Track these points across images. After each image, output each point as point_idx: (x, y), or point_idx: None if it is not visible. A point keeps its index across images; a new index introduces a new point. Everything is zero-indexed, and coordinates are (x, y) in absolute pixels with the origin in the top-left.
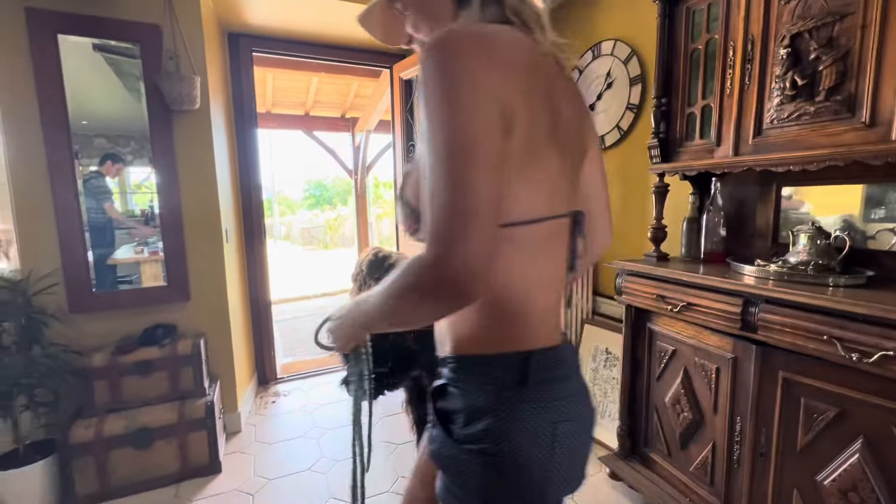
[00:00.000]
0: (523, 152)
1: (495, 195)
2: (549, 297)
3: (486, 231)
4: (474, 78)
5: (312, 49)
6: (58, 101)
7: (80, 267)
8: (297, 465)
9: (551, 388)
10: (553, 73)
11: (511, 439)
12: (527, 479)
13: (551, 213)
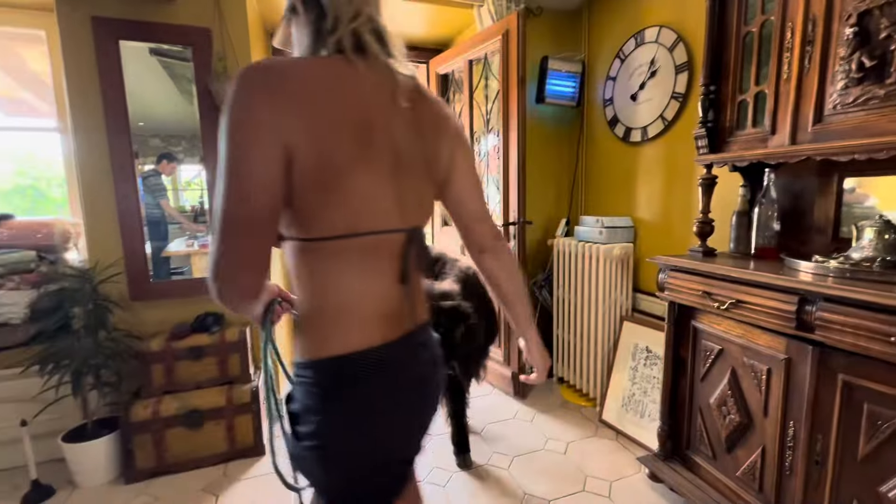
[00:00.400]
0: (319, 177)
1: (259, 222)
2: (371, 305)
3: (254, 265)
4: (252, 115)
5: None
6: (120, 104)
7: (138, 258)
8: None
9: (369, 387)
10: (376, 100)
11: (335, 434)
12: (355, 467)
13: (365, 230)
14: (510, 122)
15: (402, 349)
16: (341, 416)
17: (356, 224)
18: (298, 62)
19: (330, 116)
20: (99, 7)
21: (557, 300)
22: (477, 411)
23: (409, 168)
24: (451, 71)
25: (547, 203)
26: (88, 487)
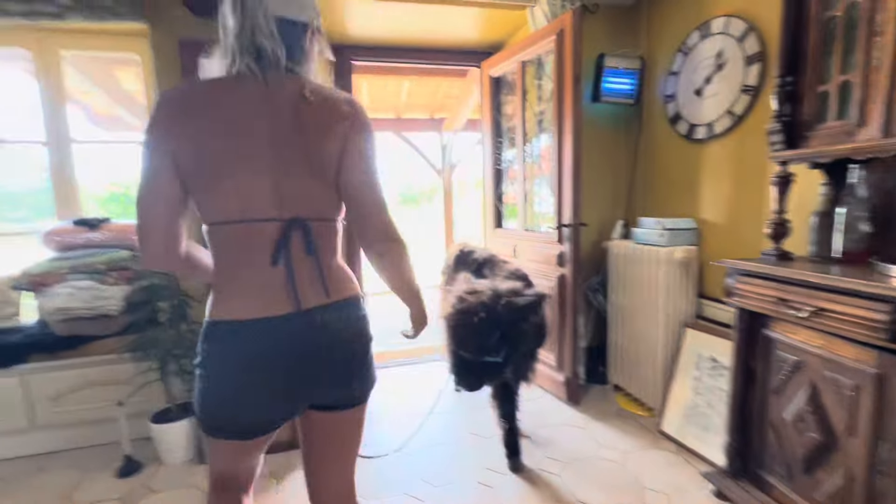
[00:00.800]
0: (199, 174)
1: (163, 216)
2: (248, 283)
3: (153, 237)
4: (150, 133)
5: (405, 54)
6: None
7: None
8: (388, 445)
9: (226, 347)
10: (259, 109)
11: (202, 373)
12: (207, 403)
13: (238, 218)
14: (564, 122)
15: (277, 325)
16: (206, 365)
17: (230, 213)
18: (197, 85)
19: (211, 127)
20: (186, 30)
21: (613, 304)
22: (527, 415)
23: (289, 166)
24: (504, 73)
25: (602, 204)
26: (170, 464)
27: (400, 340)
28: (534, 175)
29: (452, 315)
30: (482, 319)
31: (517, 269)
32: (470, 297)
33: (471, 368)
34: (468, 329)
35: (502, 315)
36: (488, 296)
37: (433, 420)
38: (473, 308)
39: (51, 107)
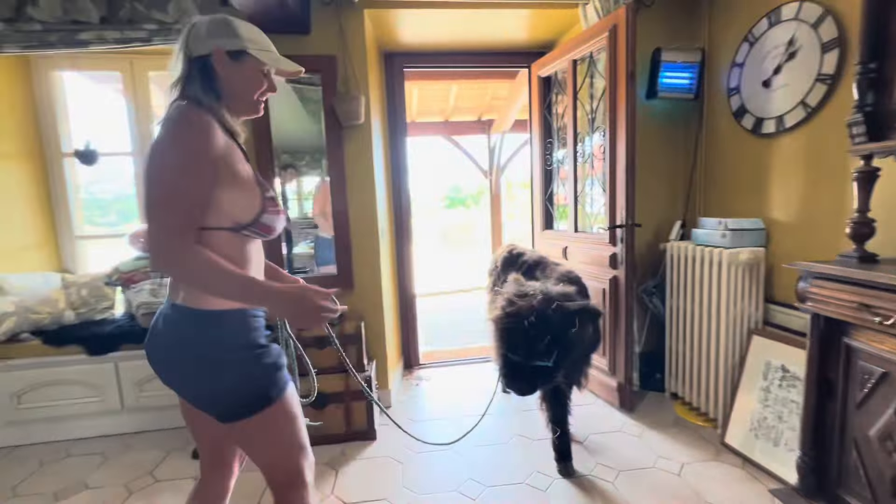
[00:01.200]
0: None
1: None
2: None
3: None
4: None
5: (454, 58)
6: (266, 126)
7: (276, 258)
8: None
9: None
10: None
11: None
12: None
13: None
14: (618, 120)
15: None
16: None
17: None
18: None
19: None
20: None
21: (671, 309)
22: (579, 420)
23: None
24: (554, 73)
25: (658, 204)
26: None
27: (448, 341)
28: (585, 175)
29: (501, 318)
30: (532, 324)
31: (569, 272)
32: (520, 300)
33: (521, 372)
34: (518, 333)
35: (553, 320)
36: (539, 299)
37: (484, 420)
38: (523, 311)
39: (138, 122)
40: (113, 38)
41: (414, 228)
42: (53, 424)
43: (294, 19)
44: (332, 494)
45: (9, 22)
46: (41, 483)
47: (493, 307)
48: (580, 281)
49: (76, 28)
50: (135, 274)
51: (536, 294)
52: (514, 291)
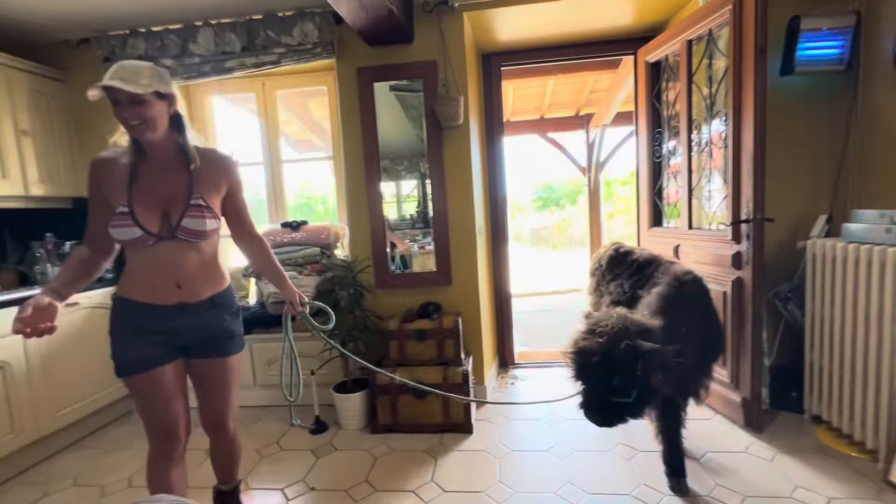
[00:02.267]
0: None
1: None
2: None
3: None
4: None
5: (553, 52)
6: (373, 134)
7: (382, 255)
8: (535, 444)
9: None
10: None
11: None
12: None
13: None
14: (744, 102)
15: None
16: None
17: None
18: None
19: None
20: (362, 60)
21: (813, 317)
22: (694, 435)
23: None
24: (665, 56)
25: (794, 197)
26: (347, 430)
27: (543, 342)
28: (701, 166)
29: (570, 352)
30: (598, 364)
31: (684, 273)
32: (589, 337)
33: (596, 405)
34: (586, 370)
35: (620, 362)
36: (610, 337)
37: (580, 424)
38: (590, 349)
39: (268, 136)
40: (251, 63)
41: (510, 227)
42: None
43: (400, 31)
44: (432, 481)
45: (177, 58)
46: (195, 442)
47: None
48: (692, 284)
49: (224, 58)
50: None
51: (610, 329)
52: (593, 322)
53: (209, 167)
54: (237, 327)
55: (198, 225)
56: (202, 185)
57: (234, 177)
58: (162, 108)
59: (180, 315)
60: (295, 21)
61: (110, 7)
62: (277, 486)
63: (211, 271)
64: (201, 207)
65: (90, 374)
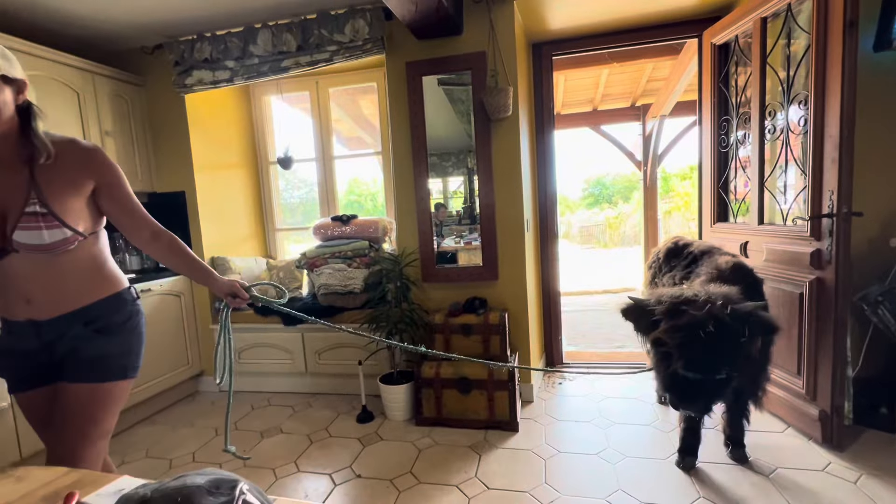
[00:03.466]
0: None
1: None
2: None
3: None
4: None
5: (607, 39)
6: (421, 130)
7: (428, 249)
8: (584, 447)
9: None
10: None
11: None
12: None
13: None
14: (829, 82)
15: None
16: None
17: None
18: None
19: None
20: (410, 54)
21: None
22: (762, 449)
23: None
24: (734, 37)
25: (890, 189)
26: (392, 420)
27: (593, 343)
28: (775, 156)
29: (672, 331)
30: (709, 333)
31: (730, 262)
32: (688, 306)
33: (698, 389)
34: (694, 346)
35: (734, 326)
36: (712, 305)
37: (633, 429)
38: (698, 320)
39: (320, 132)
40: (305, 62)
41: (561, 223)
42: (260, 378)
43: (448, 22)
44: (476, 477)
45: (238, 59)
46: (253, 422)
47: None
48: (743, 267)
49: (280, 57)
50: (317, 259)
51: (702, 298)
52: (672, 297)
53: (63, 163)
54: (115, 347)
55: (32, 238)
56: (51, 186)
57: (102, 169)
58: (7, 96)
59: (33, 333)
60: (347, 18)
61: (181, 14)
62: (326, 470)
63: (81, 281)
64: (37, 216)
65: (161, 357)
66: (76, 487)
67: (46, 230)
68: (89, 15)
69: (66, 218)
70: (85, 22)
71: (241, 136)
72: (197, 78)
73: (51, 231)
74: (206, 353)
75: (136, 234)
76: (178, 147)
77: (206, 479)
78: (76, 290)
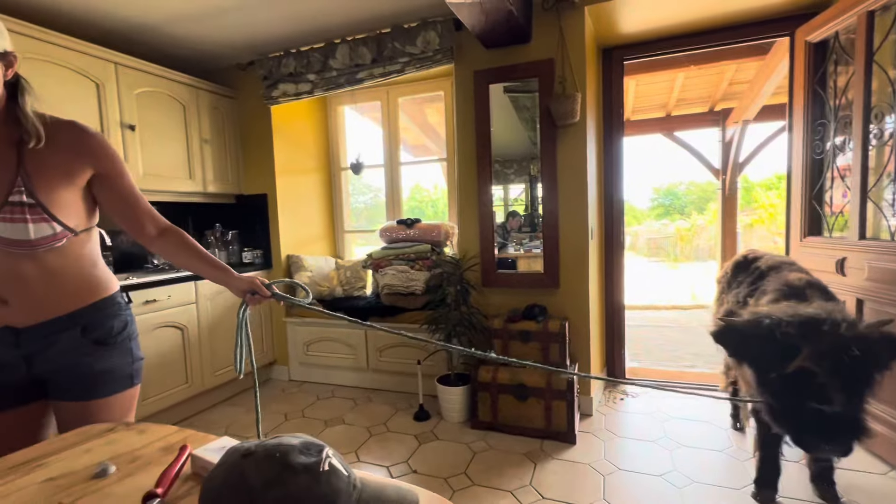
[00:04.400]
0: None
1: None
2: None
3: None
4: None
5: (685, 41)
6: (486, 137)
7: (489, 254)
8: (647, 467)
9: None
10: None
11: None
12: None
13: None
14: None
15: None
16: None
17: None
18: None
19: None
20: (478, 63)
21: None
22: (859, 491)
23: None
24: (833, 34)
25: None
26: (448, 421)
27: (658, 360)
28: (881, 164)
29: (819, 357)
30: (857, 358)
31: (807, 280)
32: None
33: (843, 424)
34: (845, 372)
35: (878, 348)
36: (853, 324)
37: (703, 453)
38: (844, 343)
39: (389, 140)
40: (378, 73)
41: (625, 234)
42: (326, 370)
43: (518, 31)
44: (530, 485)
45: (319, 73)
46: (318, 411)
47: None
48: (828, 292)
49: (356, 69)
50: (381, 260)
51: (843, 317)
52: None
53: (57, 148)
54: (118, 357)
55: (14, 232)
56: (41, 174)
57: (102, 155)
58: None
59: (10, 342)
60: (419, 31)
61: (271, 33)
62: (384, 463)
63: (68, 283)
64: (23, 207)
65: None
66: (186, 442)
67: (32, 224)
68: (196, 38)
69: (56, 211)
70: (192, 44)
71: (316, 144)
72: (282, 90)
73: (37, 225)
74: (279, 343)
75: (140, 229)
76: (262, 153)
77: (299, 440)
78: (62, 294)
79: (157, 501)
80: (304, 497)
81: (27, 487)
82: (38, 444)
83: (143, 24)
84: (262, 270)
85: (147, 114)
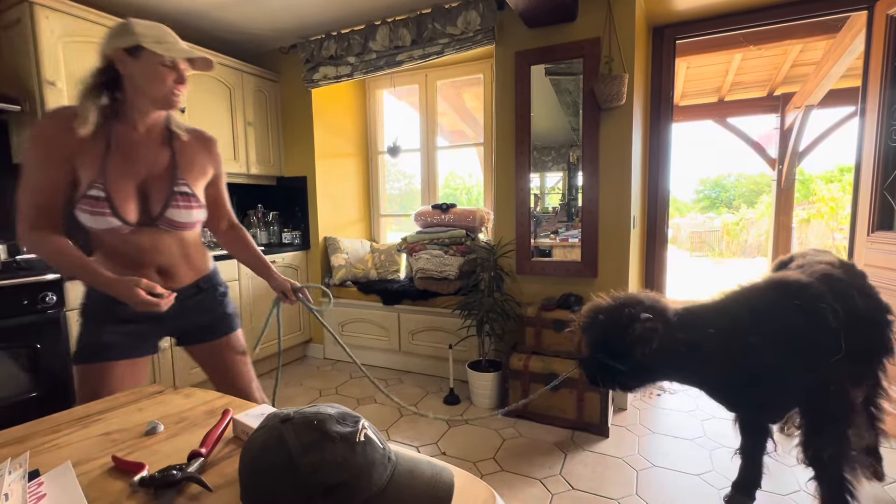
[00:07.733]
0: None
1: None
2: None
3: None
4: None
5: (745, 18)
6: (526, 120)
7: (524, 241)
8: (684, 465)
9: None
10: None
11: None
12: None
13: None
14: None
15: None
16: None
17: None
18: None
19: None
20: (520, 43)
21: None
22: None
23: None
24: None
25: None
26: (477, 406)
27: None
28: None
29: (585, 308)
30: (601, 321)
31: (828, 271)
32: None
33: (590, 360)
34: (590, 325)
35: (618, 325)
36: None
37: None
38: (600, 307)
39: (426, 124)
40: (418, 55)
41: (669, 226)
42: (359, 350)
43: (563, 8)
44: (560, 475)
45: (358, 55)
46: (350, 390)
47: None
48: (830, 282)
49: (396, 52)
50: (416, 244)
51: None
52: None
53: (196, 147)
54: (230, 306)
55: (184, 217)
56: (187, 167)
57: (219, 159)
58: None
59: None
60: (460, 11)
61: (313, 16)
62: (413, 443)
63: (194, 255)
64: (188, 196)
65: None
66: (228, 407)
67: (196, 209)
68: (244, 22)
69: (202, 199)
70: (240, 28)
71: (355, 128)
72: (323, 73)
73: (198, 211)
74: (315, 322)
75: (218, 221)
76: (303, 136)
77: (336, 410)
78: (195, 261)
79: (200, 460)
80: (340, 464)
81: (88, 439)
82: (98, 401)
83: (193, 9)
84: (301, 251)
85: (196, 96)
